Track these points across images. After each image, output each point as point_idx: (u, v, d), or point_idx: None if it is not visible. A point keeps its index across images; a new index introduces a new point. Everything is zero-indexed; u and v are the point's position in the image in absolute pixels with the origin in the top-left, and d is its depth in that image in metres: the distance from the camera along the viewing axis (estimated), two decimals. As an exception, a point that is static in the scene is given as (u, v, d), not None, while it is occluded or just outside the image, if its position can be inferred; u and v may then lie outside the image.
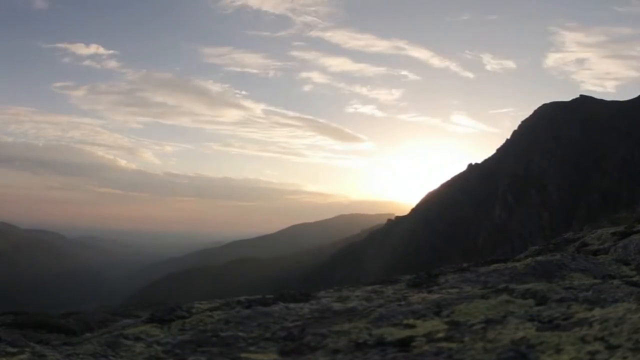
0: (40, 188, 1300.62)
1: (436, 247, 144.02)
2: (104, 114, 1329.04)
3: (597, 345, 2.68)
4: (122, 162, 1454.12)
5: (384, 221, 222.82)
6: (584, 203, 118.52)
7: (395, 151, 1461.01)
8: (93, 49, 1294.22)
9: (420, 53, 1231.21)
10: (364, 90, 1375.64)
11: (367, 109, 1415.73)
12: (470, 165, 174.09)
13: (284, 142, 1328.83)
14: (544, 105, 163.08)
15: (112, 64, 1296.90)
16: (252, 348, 3.56)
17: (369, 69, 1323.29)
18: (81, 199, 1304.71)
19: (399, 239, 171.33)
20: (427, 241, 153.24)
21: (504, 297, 4.22)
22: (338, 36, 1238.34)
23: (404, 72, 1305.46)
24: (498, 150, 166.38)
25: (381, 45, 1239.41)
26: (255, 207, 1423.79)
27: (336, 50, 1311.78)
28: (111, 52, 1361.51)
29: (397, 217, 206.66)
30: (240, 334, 3.86)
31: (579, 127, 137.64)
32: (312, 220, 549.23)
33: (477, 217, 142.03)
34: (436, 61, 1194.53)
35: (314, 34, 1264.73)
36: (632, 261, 6.93)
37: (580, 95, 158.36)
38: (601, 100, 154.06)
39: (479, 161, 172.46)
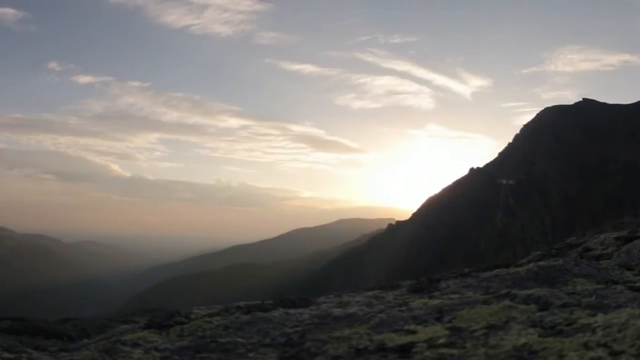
0: (37, 193, 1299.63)
1: (437, 252, 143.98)
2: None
3: (600, 352, 2.68)
4: (119, 167, 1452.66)
5: (385, 226, 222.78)
6: (587, 207, 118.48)
7: (396, 157, 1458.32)
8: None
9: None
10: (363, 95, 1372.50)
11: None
12: (471, 170, 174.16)
13: (282, 149, 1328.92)
14: (546, 108, 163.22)
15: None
16: (251, 354, 3.55)
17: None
18: (78, 204, 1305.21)
19: (400, 244, 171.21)
20: (428, 246, 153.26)
21: (506, 302, 4.22)
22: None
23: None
24: (500, 154, 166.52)
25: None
26: (255, 212, 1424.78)
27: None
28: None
29: (398, 222, 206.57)
30: (240, 339, 3.85)
31: (582, 131, 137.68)
32: (312, 225, 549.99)
33: (479, 222, 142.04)
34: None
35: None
36: (635, 266, 6.92)
37: (583, 99, 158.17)
38: (604, 104, 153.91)
39: (481, 165, 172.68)
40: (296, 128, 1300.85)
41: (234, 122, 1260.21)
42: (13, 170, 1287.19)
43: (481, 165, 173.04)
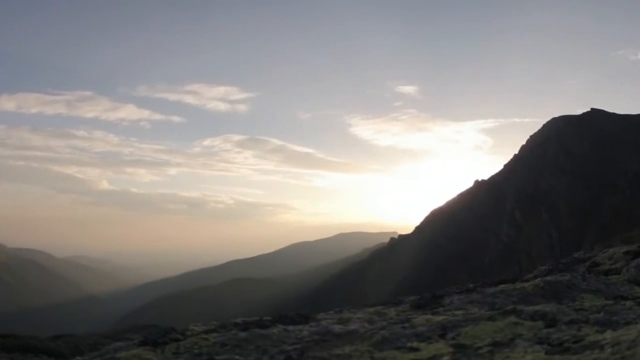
0: (28, 206, 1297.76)
1: (441, 267, 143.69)
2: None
3: (609, 370, 2.68)
4: (113, 180, 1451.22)
5: (387, 240, 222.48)
6: (595, 221, 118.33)
7: (398, 168, 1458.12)
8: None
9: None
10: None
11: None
12: (476, 182, 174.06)
13: (280, 164, 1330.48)
14: (553, 119, 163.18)
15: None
16: (249, 372, 3.55)
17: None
18: (70, 217, 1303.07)
19: (403, 258, 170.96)
20: (432, 261, 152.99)
21: (512, 319, 4.22)
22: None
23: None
24: (506, 166, 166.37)
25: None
26: (252, 225, 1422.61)
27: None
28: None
29: (401, 236, 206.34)
30: (237, 357, 3.84)
31: (590, 142, 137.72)
32: (311, 239, 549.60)
33: (484, 236, 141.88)
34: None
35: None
36: (645, 282, 6.91)
37: (591, 109, 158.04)
38: (613, 114, 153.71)
39: (486, 177, 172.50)
40: (297, 148, 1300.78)
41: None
42: (1, 185, 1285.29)
43: (486, 177, 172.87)
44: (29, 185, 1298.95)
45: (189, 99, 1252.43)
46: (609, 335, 3.36)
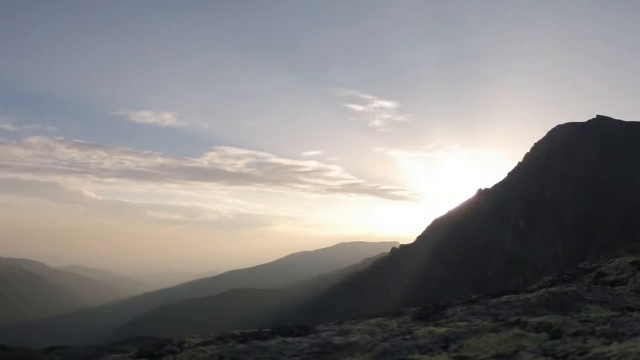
0: (21, 215, 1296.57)
1: (444, 278, 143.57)
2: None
3: (615, 383, 2.67)
4: (105, 191, 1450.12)
5: (388, 250, 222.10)
6: (601, 230, 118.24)
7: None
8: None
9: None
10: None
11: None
12: (479, 191, 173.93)
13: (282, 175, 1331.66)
14: (559, 126, 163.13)
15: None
16: (247, 385, 3.54)
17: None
18: (65, 227, 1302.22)
19: (405, 269, 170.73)
20: (434, 271, 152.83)
21: (516, 330, 4.21)
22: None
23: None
24: (510, 174, 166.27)
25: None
26: (251, 236, 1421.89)
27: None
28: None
29: (403, 246, 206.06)
30: (235, 370, 3.84)
31: (596, 150, 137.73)
32: (311, 249, 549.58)
33: (488, 246, 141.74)
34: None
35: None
36: (652, 293, 6.91)
37: (597, 116, 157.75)
38: (619, 121, 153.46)
39: (489, 186, 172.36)
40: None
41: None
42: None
43: (490, 186, 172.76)
44: (21, 197, 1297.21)
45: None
46: (615, 347, 3.35)
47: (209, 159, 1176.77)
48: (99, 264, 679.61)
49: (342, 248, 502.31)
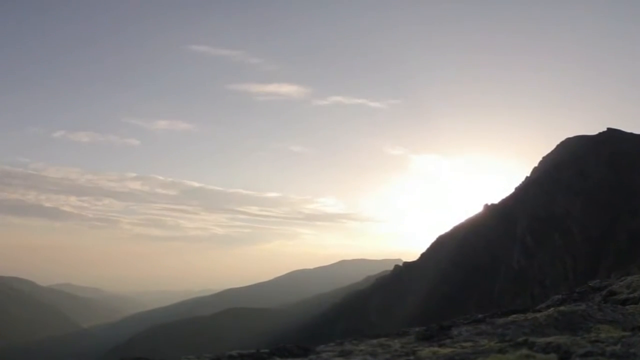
0: (10, 232, 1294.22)
1: (448, 297, 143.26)
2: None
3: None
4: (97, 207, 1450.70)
5: (391, 267, 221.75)
6: (612, 247, 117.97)
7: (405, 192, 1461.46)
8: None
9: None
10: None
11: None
12: (485, 206, 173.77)
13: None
14: (568, 139, 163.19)
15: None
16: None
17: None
18: (55, 244, 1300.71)
19: (408, 287, 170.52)
20: (439, 290, 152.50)
21: (524, 351, 4.20)
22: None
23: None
24: (517, 188, 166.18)
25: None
26: (248, 252, 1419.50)
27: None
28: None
29: (406, 263, 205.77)
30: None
31: (606, 164, 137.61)
32: (311, 266, 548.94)
33: (494, 263, 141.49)
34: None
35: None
36: (665, 312, 6.88)
37: (608, 129, 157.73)
38: (630, 134, 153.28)
39: (496, 201, 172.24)
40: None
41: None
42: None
43: (496, 201, 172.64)
44: (7, 216, 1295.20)
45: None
46: (626, 368, 3.35)
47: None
48: (90, 282, 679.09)
49: (343, 265, 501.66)
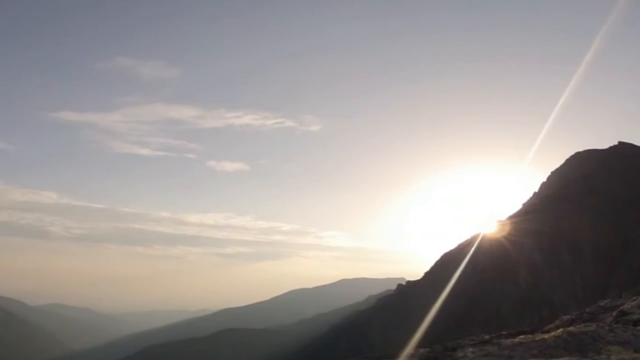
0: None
1: (453, 316, 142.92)
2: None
3: None
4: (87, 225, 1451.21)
5: (394, 286, 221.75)
6: (624, 266, 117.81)
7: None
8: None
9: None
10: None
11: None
12: (492, 223, 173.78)
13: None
14: (577, 153, 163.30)
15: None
16: None
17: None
18: (45, 263, 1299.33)
19: (411, 306, 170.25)
20: (443, 310, 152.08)
21: (531, 374, 4.19)
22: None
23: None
24: (524, 204, 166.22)
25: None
26: (246, 270, 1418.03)
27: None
28: None
29: (409, 282, 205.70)
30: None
31: (617, 179, 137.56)
32: (311, 285, 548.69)
33: (500, 282, 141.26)
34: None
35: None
36: (678, 332, 6.86)
37: (619, 142, 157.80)
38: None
39: (503, 218, 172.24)
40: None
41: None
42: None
43: (503, 217, 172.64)
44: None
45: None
46: (638, 392, 3.34)
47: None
48: (81, 302, 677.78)
49: (344, 284, 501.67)
